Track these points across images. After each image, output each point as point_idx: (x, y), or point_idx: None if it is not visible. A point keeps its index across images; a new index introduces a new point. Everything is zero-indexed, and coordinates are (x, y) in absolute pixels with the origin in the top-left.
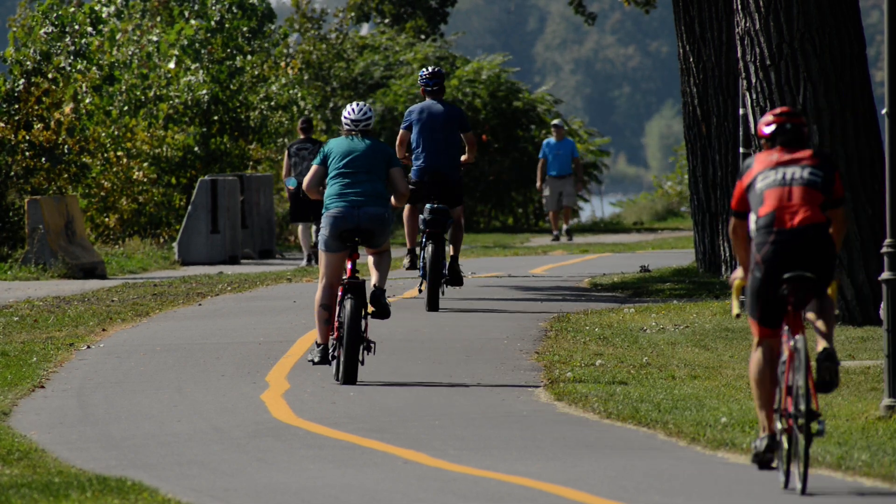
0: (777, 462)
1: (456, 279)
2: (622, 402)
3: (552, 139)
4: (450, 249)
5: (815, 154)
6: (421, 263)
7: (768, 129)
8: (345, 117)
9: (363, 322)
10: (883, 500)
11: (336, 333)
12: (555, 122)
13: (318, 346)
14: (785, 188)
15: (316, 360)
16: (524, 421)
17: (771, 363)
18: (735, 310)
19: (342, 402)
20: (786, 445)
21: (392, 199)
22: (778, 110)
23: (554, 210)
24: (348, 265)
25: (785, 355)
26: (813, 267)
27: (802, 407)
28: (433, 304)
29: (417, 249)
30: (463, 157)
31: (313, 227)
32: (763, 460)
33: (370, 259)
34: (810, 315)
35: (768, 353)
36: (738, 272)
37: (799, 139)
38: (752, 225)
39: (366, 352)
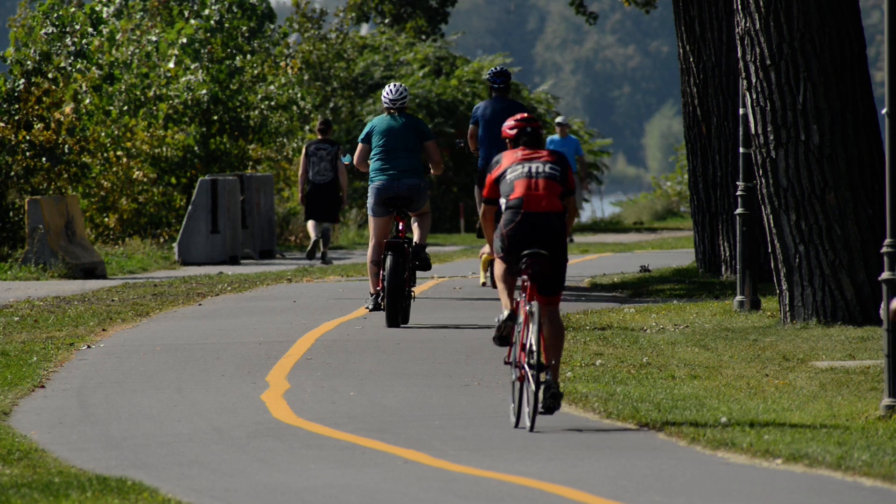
0: (515, 390)
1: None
2: (622, 402)
3: (556, 136)
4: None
5: (551, 153)
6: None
7: (512, 132)
8: (384, 97)
9: (405, 274)
10: (883, 500)
11: (379, 284)
12: (559, 119)
13: (371, 295)
14: (532, 179)
15: (370, 307)
16: (524, 421)
17: (513, 275)
18: (482, 279)
19: (342, 402)
20: (519, 391)
21: (431, 169)
22: (518, 116)
23: None
24: (400, 227)
25: (521, 318)
26: (548, 247)
27: (534, 361)
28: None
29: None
30: None
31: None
32: (503, 333)
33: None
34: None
35: (508, 270)
36: (486, 248)
37: (537, 140)
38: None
39: (408, 299)
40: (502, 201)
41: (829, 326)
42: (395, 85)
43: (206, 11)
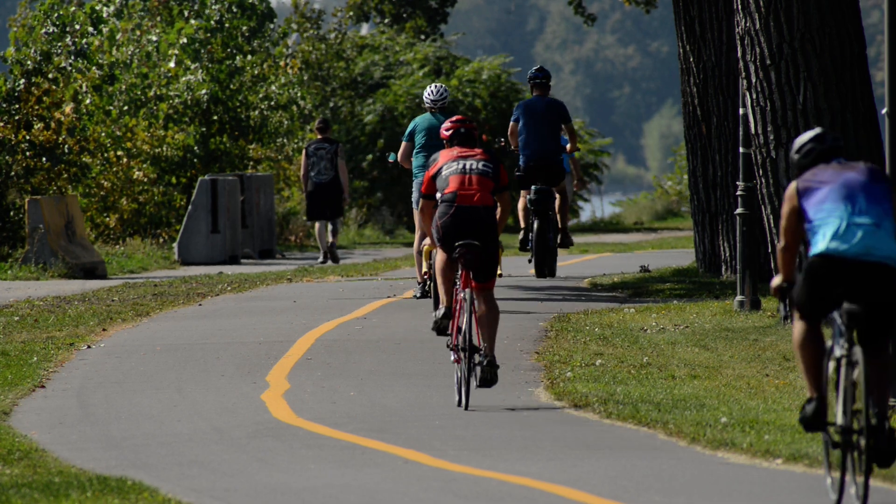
0: (456, 372)
1: (566, 242)
2: (622, 402)
3: None
4: (557, 219)
5: (484, 152)
6: (530, 238)
7: (448, 133)
8: (426, 97)
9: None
10: (883, 500)
11: (428, 273)
12: None
13: (418, 283)
14: (465, 175)
15: (417, 294)
16: (524, 421)
17: (451, 265)
18: (424, 268)
19: (342, 402)
20: (459, 373)
21: None
22: (455, 118)
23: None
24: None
25: (462, 305)
26: (480, 237)
27: (466, 344)
28: (541, 272)
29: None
30: (568, 147)
31: (329, 227)
32: (441, 326)
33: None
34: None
35: (449, 260)
36: (427, 240)
37: (471, 140)
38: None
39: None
40: (438, 195)
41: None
42: (436, 86)
43: (207, 11)
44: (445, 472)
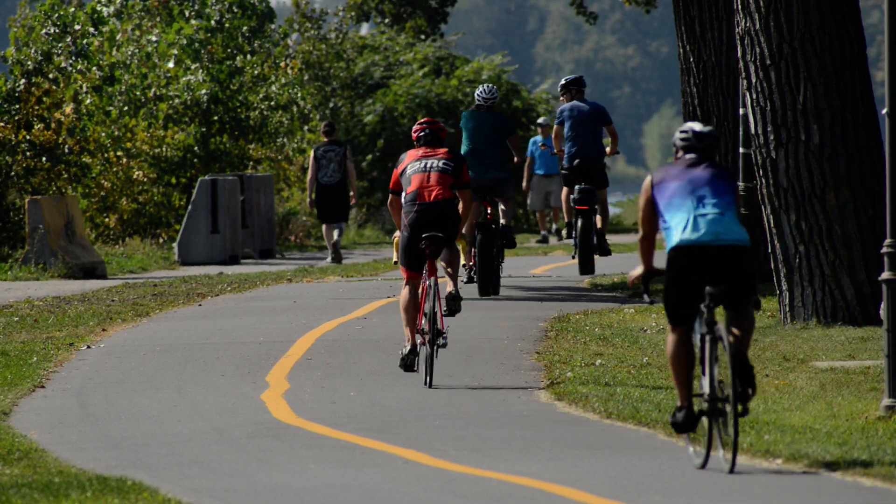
0: (417, 366)
1: (604, 251)
2: (622, 402)
3: (539, 137)
4: (598, 221)
5: (448, 151)
6: (574, 234)
7: (415, 134)
8: (477, 96)
9: (493, 251)
10: (883, 500)
11: (473, 260)
12: (541, 120)
13: (465, 268)
14: (425, 174)
15: (464, 279)
16: (524, 421)
17: (415, 296)
18: (394, 258)
19: (342, 402)
20: (423, 354)
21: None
22: (423, 121)
23: (540, 210)
24: (488, 211)
25: (428, 292)
26: (443, 229)
27: (431, 327)
28: (585, 269)
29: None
30: (608, 149)
31: (336, 229)
32: (407, 363)
33: (500, 206)
34: (444, 263)
35: (413, 290)
36: (397, 233)
37: (436, 140)
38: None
39: (497, 272)
40: (404, 193)
41: (829, 327)
42: (487, 86)
43: (207, 11)
44: (445, 472)
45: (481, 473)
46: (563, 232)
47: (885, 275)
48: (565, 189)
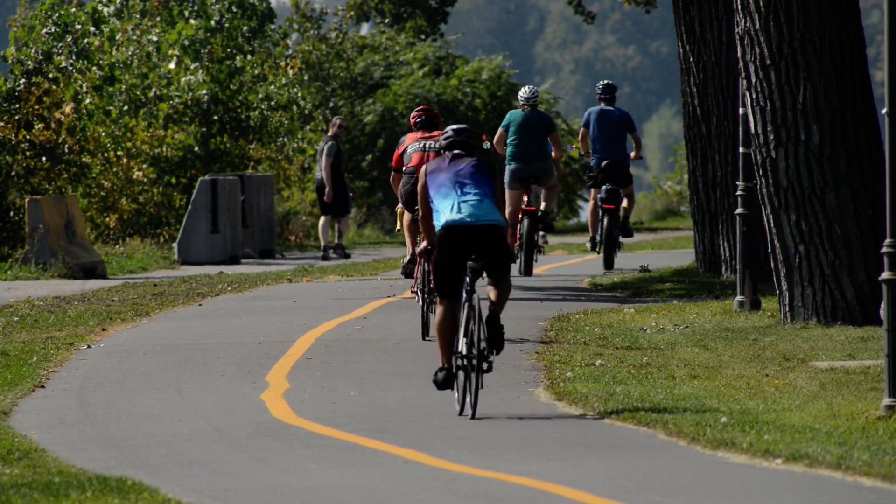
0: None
1: (626, 231)
2: (622, 402)
3: None
4: (624, 203)
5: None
6: (597, 241)
7: (413, 120)
8: (520, 95)
9: (536, 235)
10: (883, 500)
11: (518, 242)
12: None
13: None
14: (424, 153)
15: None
16: (524, 421)
17: (414, 222)
18: (398, 226)
19: (342, 402)
20: (423, 310)
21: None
22: (420, 108)
23: None
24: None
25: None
26: None
27: (426, 287)
28: (608, 264)
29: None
30: (632, 154)
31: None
32: (407, 271)
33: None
34: None
35: (411, 219)
36: (400, 205)
37: (431, 125)
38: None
39: (538, 253)
40: (404, 168)
41: (829, 326)
42: (529, 87)
43: (207, 11)
44: (445, 472)
45: (481, 473)
46: (588, 245)
47: (885, 275)
48: (591, 203)
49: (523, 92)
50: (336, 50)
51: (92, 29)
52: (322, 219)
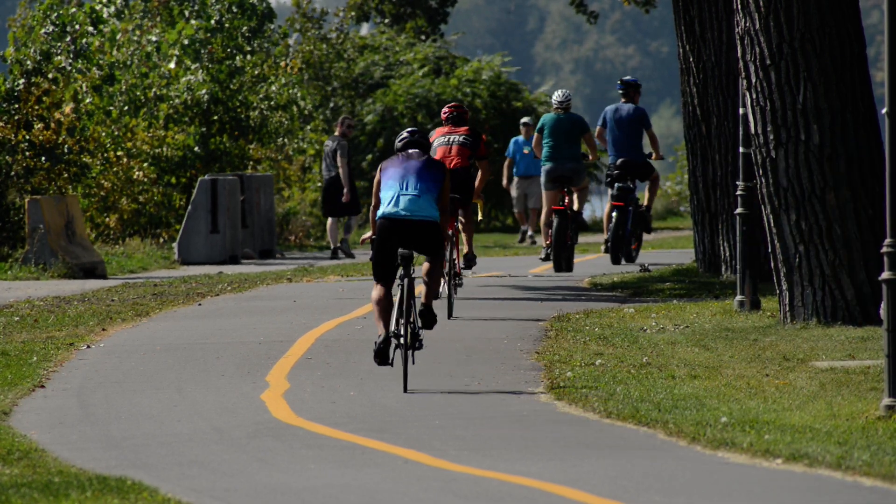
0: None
1: (646, 227)
2: (622, 402)
3: (521, 137)
4: (646, 192)
5: (469, 129)
6: (608, 242)
7: (444, 115)
8: (554, 99)
9: (567, 233)
10: (883, 500)
11: (549, 240)
12: (524, 119)
13: (543, 248)
14: (448, 146)
15: (542, 257)
16: (524, 421)
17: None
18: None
19: (342, 402)
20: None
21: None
22: (450, 105)
23: (520, 211)
24: (566, 200)
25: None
26: (459, 191)
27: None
28: (616, 260)
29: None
30: (652, 155)
31: (339, 224)
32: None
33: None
34: (461, 220)
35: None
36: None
37: (460, 120)
38: None
39: (571, 251)
40: None
41: (829, 326)
42: (562, 91)
43: (207, 11)
44: (445, 472)
45: (481, 473)
46: (603, 247)
47: (885, 275)
48: (608, 203)
49: (556, 96)
50: (336, 50)
51: (90, 29)
52: (329, 220)
